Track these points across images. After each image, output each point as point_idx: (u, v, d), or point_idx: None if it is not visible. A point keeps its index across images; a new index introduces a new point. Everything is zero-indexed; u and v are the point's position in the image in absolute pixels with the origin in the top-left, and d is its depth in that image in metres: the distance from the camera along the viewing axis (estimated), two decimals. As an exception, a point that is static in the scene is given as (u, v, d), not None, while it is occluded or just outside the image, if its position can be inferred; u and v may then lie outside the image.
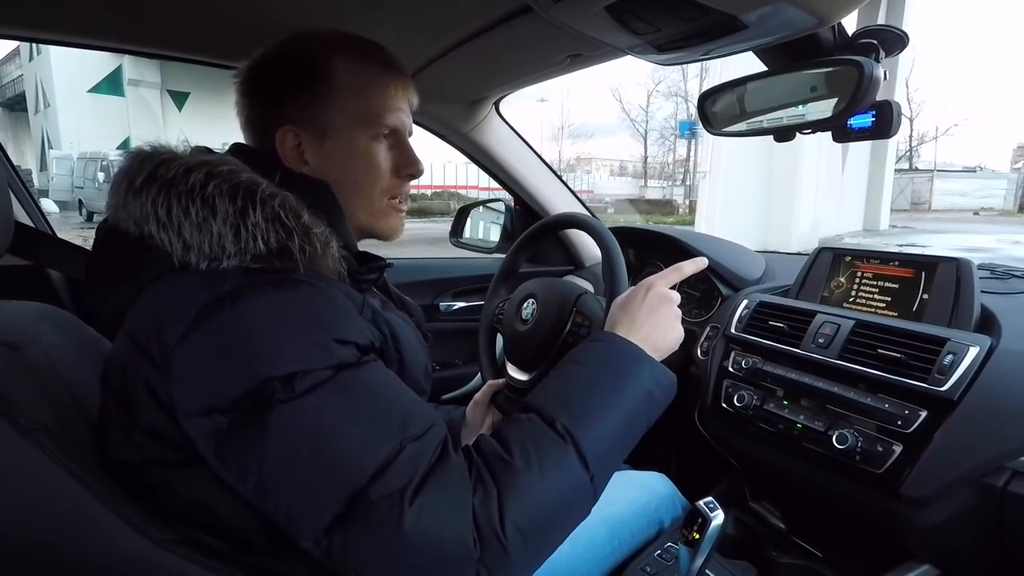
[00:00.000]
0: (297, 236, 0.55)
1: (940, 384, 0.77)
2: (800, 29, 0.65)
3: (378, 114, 0.67)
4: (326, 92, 0.64)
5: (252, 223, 0.53)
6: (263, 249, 0.53)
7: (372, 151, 0.67)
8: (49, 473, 0.52)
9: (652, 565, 0.92)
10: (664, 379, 0.65)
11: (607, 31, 0.73)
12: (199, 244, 0.52)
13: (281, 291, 0.53)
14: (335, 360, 0.51)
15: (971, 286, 0.88)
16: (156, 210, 0.53)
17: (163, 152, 0.57)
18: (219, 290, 0.51)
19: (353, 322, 0.56)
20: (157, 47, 1.07)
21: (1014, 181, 25.83)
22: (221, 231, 0.52)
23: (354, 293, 0.60)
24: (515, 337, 1.08)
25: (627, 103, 42.89)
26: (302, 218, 0.56)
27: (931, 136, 30.59)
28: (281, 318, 0.52)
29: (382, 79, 0.67)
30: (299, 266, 0.54)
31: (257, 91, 0.67)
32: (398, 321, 0.68)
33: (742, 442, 1.03)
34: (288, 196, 0.57)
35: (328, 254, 0.58)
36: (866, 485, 0.82)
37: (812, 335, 0.95)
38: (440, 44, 0.95)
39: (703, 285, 1.34)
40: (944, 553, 0.82)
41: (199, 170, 0.54)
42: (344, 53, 0.66)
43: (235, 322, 0.50)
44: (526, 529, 0.50)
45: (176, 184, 0.53)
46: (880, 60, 0.69)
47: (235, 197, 0.54)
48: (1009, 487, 0.72)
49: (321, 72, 0.65)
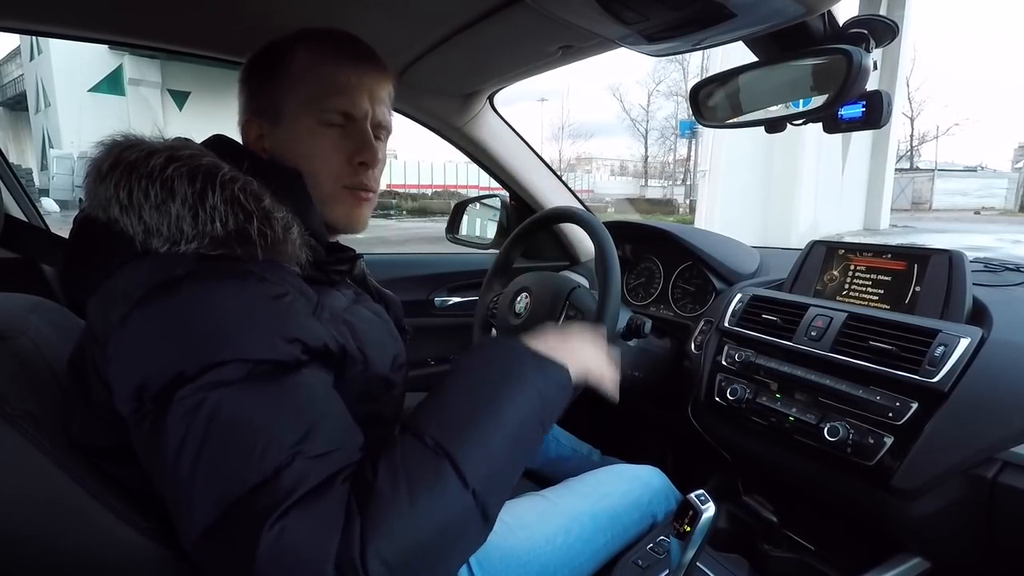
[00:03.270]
0: (256, 219, 0.54)
1: (931, 376, 0.77)
2: (789, 17, 0.66)
3: (326, 97, 0.66)
4: (281, 79, 0.66)
5: (211, 205, 0.53)
6: (220, 231, 0.53)
7: (318, 134, 0.66)
8: (33, 460, 0.52)
9: (644, 558, 0.91)
10: (555, 374, 0.59)
11: (597, 21, 0.73)
12: (157, 226, 0.53)
13: (230, 280, 0.52)
14: (262, 356, 0.49)
15: (963, 278, 0.88)
16: (119, 193, 0.54)
17: (131, 138, 0.58)
18: (170, 272, 0.51)
19: (298, 321, 0.53)
20: (157, 40, 1.07)
21: (1015, 181, 25.82)
22: (179, 212, 0.52)
23: (309, 291, 0.58)
24: (508, 331, 1.09)
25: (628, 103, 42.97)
26: (263, 201, 0.56)
27: (932, 135, 30.62)
28: (224, 308, 0.50)
29: (337, 65, 0.67)
30: (258, 251, 0.54)
31: (240, 86, 0.70)
32: (366, 316, 0.68)
33: (735, 435, 1.03)
34: (251, 181, 0.57)
35: (289, 239, 0.57)
36: (857, 477, 0.82)
37: (805, 328, 0.95)
38: (432, 36, 0.95)
39: (697, 280, 1.34)
40: (935, 544, 0.82)
41: (161, 154, 0.55)
42: (307, 45, 0.67)
43: (176, 307, 0.50)
44: (393, 561, 0.44)
45: (138, 167, 0.54)
46: (870, 50, 0.69)
47: (194, 179, 0.54)
48: (999, 478, 0.72)
49: (281, 62, 0.66)
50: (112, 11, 0.93)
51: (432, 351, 1.64)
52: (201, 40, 1.07)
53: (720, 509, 0.91)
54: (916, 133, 30.00)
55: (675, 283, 1.39)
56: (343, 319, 0.62)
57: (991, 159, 56.88)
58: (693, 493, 0.71)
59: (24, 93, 20.67)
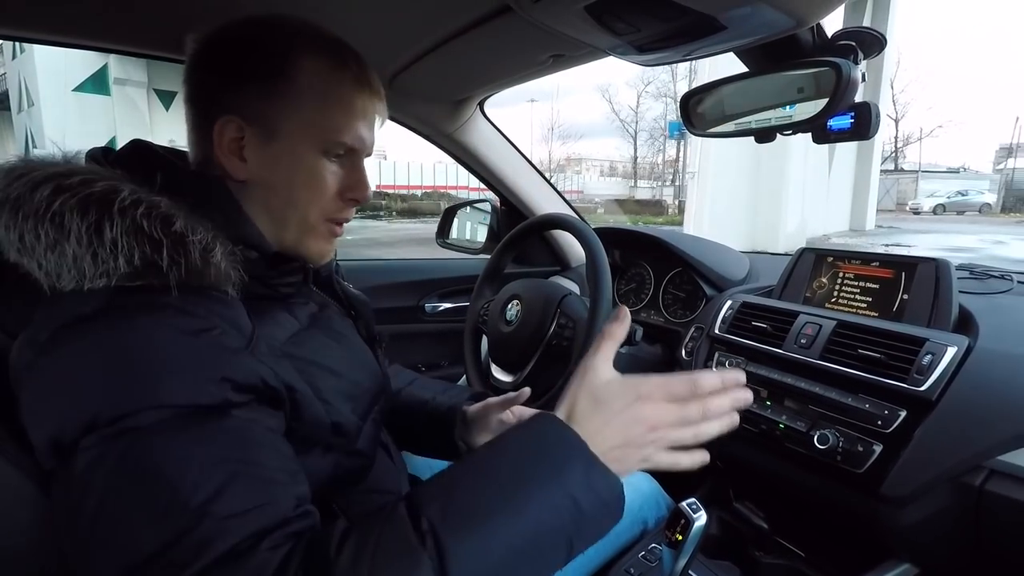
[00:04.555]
0: (166, 248, 0.48)
1: (919, 384, 0.78)
2: (779, 30, 0.66)
3: (336, 130, 0.60)
4: (284, 90, 0.58)
5: (110, 240, 0.46)
6: (125, 267, 0.46)
7: (319, 168, 0.60)
8: None
9: (636, 566, 0.91)
10: (603, 487, 0.47)
11: (587, 31, 0.73)
12: (56, 270, 0.46)
13: (143, 317, 0.46)
14: (181, 400, 0.44)
15: (949, 286, 0.89)
16: (10, 235, 0.48)
17: (20, 168, 0.50)
18: (77, 311, 0.46)
19: (225, 357, 0.48)
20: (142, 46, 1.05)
21: (996, 182, 26.23)
22: (76, 252, 0.46)
23: (243, 322, 0.52)
24: (499, 338, 1.08)
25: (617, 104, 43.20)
26: (173, 225, 0.49)
27: (916, 137, 31.04)
28: (138, 348, 0.45)
29: (350, 92, 0.60)
30: (171, 283, 0.48)
31: (208, 69, 0.59)
32: (320, 342, 0.61)
33: (725, 442, 1.02)
34: (157, 203, 0.50)
35: (211, 262, 0.50)
36: (847, 485, 0.83)
37: (795, 335, 0.95)
38: (422, 43, 0.95)
39: (688, 286, 1.34)
40: (923, 551, 0.83)
41: (46, 185, 0.47)
42: (313, 52, 0.59)
43: (84, 351, 0.45)
44: None
45: (23, 204, 0.47)
46: (858, 61, 0.70)
47: (86, 211, 0.47)
48: (986, 486, 0.73)
49: (284, 66, 0.57)
50: (92, 16, 0.91)
51: (422, 357, 1.63)
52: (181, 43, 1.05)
53: (711, 516, 0.91)
54: (900, 135, 30.43)
55: (665, 289, 1.40)
56: (283, 352, 0.55)
57: (974, 160, 57.73)
58: (685, 501, 0.71)
59: (6, 92, 20.34)
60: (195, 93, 0.60)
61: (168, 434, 0.42)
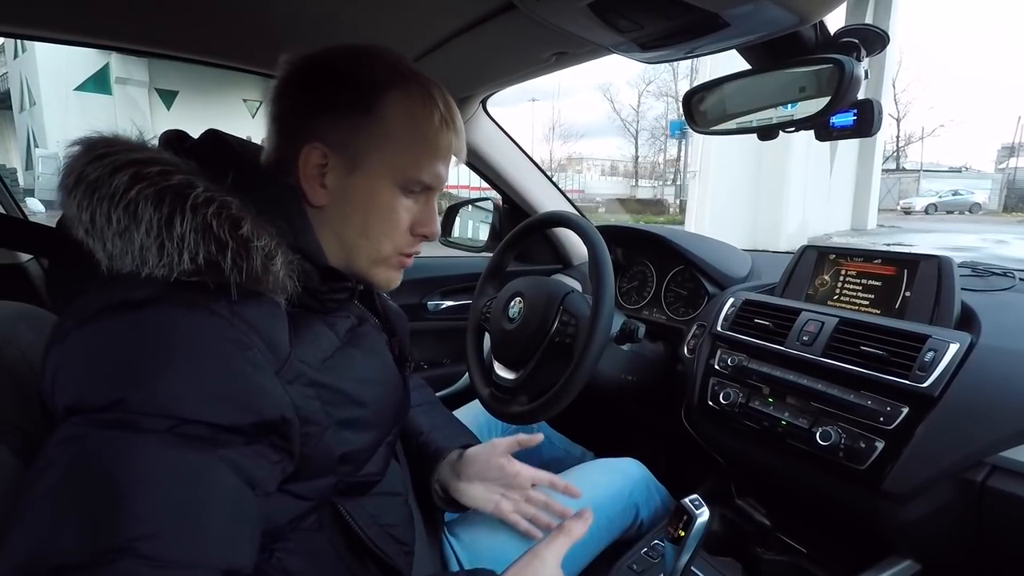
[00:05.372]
0: (231, 251, 0.48)
1: (921, 380, 0.78)
2: (782, 27, 0.66)
3: (418, 168, 0.61)
4: (371, 124, 0.59)
5: (178, 235, 0.47)
6: (188, 265, 0.47)
7: (395, 204, 0.62)
8: (19, 476, 0.51)
9: (638, 563, 0.92)
10: None
11: (590, 29, 0.73)
12: (121, 256, 0.47)
13: (192, 318, 0.46)
14: (190, 415, 0.43)
15: (952, 283, 0.89)
16: (81, 215, 0.48)
17: (101, 146, 0.51)
18: (129, 295, 0.46)
19: (254, 381, 0.47)
20: (148, 45, 1.05)
21: (998, 181, 26.19)
22: (143, 242, 0.46)
23: (281, 343, 0.51)
24: (502, 336, 1.09)
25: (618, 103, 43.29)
26: (241, 228, 0.49)
27: (917, 137, 31.01)
28: (172, 348, 0.45)
29: (436, 133, 0.61)
30: (231, 286, 0.48)
31: (301, 92, 0.60)
32: (356, 360, 0.61)
33: (727, 439, 1.04)
34: (229, 202, 0.50)
35: (270, 270, 0.50)
36: (849, 481, 0.83)
37: (797, 333, 0.95)
38: (425, 41, 0.95)
39: (690, 284, 1.34)
40: (925, 547, 0.83)
41: (126, 171, 0.48)
42: (402, 88, 0.60)
43: (123, 332, 0.45)
44: None
45: (100, 187, 0.48)
46: (861, 59, 0.70)
47: (161, 203, 0.47)
48: (988, 482, 0.73)
49: (373, 101, 0.58)
50: (109, 16, 0.92)
51: (425, 355, 1.64)
52: (190, 42, 1.05)
53: (713, 512, 0.92)
54: (902, 134, 30.40)
55: (668, 287, 1.40)
56: (312, 380, 0.54)
57: (975, 160, 57.67)
58: (687, 498, 0.72)
59: (8, 92, 20.37)
60: (284, 114, 0.61)
61: (152, 447, 0.41)
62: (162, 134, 0.60)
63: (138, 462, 0.41)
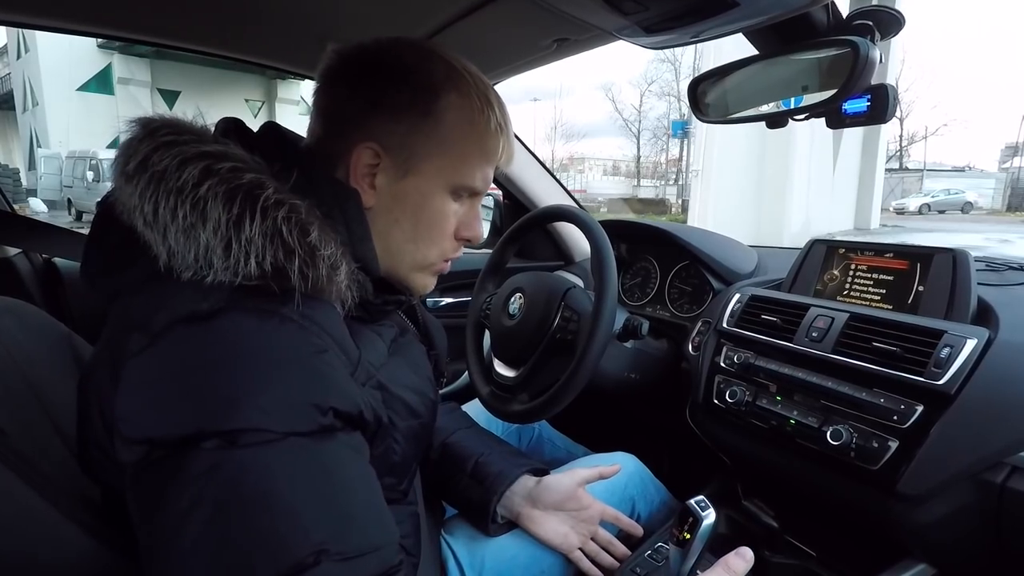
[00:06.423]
0: (299, 257, 0.46)
1: (937, 378, 0.75)
2: (792, 8, 0.63)
3: (471, 175, 0.60)
4: (428, 127, 0.57)
5: (246, 238, 0.44)
6: (255, 270, 0.45)
7: (447, 211, 0.60)
8: None
9: (642, 566, 0.89)
10: None
11: (594, 11, 0.70)
12: (183, 253, 0.45)
13: (265, 326, 0.45)
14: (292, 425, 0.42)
15: (968, 277, 0.86)
16: (143, 204, 0.45)
17: (165, 131, 0.48)
18: (196, 307, 0.44)
19: (336, 384, 0.46)
20: (156, 35, 1.03)
21: (1002, 180, 26.10)
22: (210, 242, 0.44)
23: (350, 345, 0.51)
24: (502, 332, 1.06)
25: (620, 103, 43.16)
26: (309, 235, 0.47)
27: (921, 136, 30.93)
28: (253, 359, 0.43)
29: (491, 138, 0.60)
30: (296, 293, 0.46)
31: (353, 87, 0.57)
32: (404, 371, 0.60)
33: (734, 439, 1.01)
34: (298, 206, 0.48)
35: (335, 280, 0.49)
36: (861, 482, 0.80)
37: (805, 329, 0.93)
38: (423, 27, 0.92)
39: (695, 279, 1.32)
40: (941, 551, 0.80)
41: (196, 164, 0.46)
42: (462, 92, 0.58)
43: (202, 349, 0.43)
44: None
45: (167, 178, 0.45)
46: (876, 41, 0.67)
47: (231, 202, 0.45)
48: (1008, 483, 0.70)
49: (432, 103, 0.56)
50: (119, 7, 0.90)
51: (424, 353, 1.61)
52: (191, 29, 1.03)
53: (720, 514, 0.89)
54: (905, 133, 30.34)
55: (672, 283, 1.37)
56: (378, 382, 0.54)
57: (979, 159, 57.47)
58: (693, 499, 0.69)
59: (11, 92, 20.45)
60: (333, 108, 0.59)
61: (287, 456, 0.41)
62: (219, 122, 0.58)
63: (279, 474, 0.40)
